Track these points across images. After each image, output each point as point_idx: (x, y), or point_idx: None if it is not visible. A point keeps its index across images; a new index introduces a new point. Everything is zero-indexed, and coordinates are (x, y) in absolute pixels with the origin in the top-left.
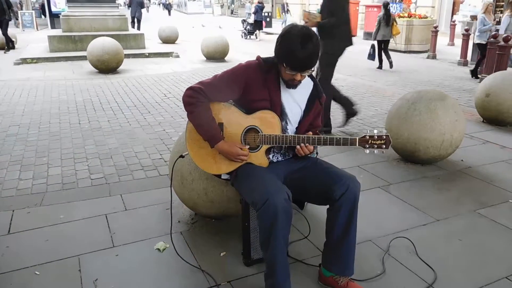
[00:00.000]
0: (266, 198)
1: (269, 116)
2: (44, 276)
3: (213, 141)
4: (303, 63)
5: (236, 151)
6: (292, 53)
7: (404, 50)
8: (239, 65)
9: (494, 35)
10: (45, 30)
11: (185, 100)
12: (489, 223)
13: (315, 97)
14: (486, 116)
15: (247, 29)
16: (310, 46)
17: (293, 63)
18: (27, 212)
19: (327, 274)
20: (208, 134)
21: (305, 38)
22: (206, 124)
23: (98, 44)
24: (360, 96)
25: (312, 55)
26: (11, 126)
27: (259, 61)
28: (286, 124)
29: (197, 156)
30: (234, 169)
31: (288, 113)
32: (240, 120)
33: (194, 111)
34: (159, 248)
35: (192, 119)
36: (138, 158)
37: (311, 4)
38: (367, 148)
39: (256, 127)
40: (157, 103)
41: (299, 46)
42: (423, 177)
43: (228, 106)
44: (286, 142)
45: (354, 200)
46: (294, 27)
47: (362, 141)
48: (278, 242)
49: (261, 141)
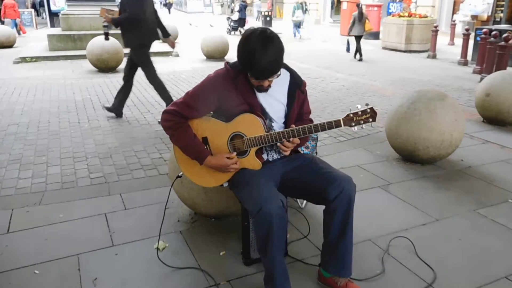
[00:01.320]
0: (260, 206)
1: (249, 118)
2: (43, 275)
3: (201, 159)
4: (267, 71)
5: (225, 162)
6: (254, 63)
7: (404, 50)
8: (208, 77)
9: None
10: (44, 29)
11: (163, 124)
12: (489, 222)
13: (295, 88)
14: (486, 115)
15: (231, 26)
16: (271, 51)
17: (257, 73)
18: (26, 211)
19: (326, 275)
20: (194, 153)
21: (265, 44)
22: (189, 145)
23: (97, 43)
24: (360, 95)
25: (275, 60)
26: (10, 125)
27: (227, 68)
28: (271, 122)
29: (192, 174)
30: (230, 178)
31: (270, 111)
32: (222, 129)
33: (174, 134)
34: (158, 247)
35: (175, 141)
36: (137, 157)
37: (311, 3)
38: (353, 126)
39: (239, 132)
40: (156, 102)
41: (260, 55)
42: (423, 177)
43: (207, 119)
44: (272, 140)
45: (349, 201)
46: (252, 33)
47: (347, 120)
48: (275, 248)
49: (247, 145)
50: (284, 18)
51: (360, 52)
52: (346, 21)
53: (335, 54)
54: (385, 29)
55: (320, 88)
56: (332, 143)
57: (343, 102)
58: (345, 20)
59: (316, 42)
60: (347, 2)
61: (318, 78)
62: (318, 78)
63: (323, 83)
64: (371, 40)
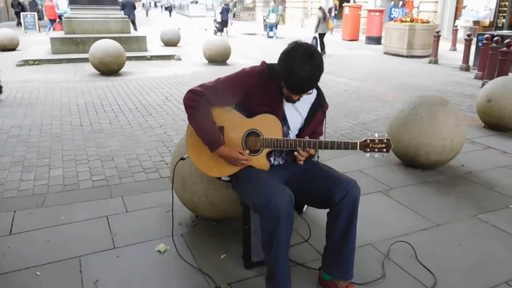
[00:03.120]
0: (269, 199)
1: (270, 120)
2: (45, 277)
3: (214, 146)
4: (301, 87)
5: (237, 156)
6: (292, 76)
7: (406, 55)
8: (243, 70)
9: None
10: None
11: (186, 103)
12: (489, 228)
13: (318, 107)
14: (488, 121)
15: (217, 27)
16: (311, 70)
17: (291, 86)
18: (29, 213)
19: (326, 277)
20: (209, 139)
21: (307, 60)
22: (206, 129)
23: (100, 47)
24: (362, 100)
25: (312, 79)
26: (12, 127)
27: (263, 67)
28: (288, 129)
29: (197, 159)
30: (235, 172)
31: (290, 119)
32: (241, 123)
33: (195, 115)
34: (159, 250)
35: (193, 122)
36: (139, 160)
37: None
38: (367, 152)
39: (257, 130)
40: (158, 106)
41: (299, 70)
42: (423, 182)
43: (229, 110)
44: (287, 146)
45: (354, 204)
46: (299, 47)
47: (363, 145)
48: (280, 244)
49: (262, 145)
50: (286, 23)
51: (323, 47)
52: (348, 25)
53: (338, 59)
54: (386, 34)
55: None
56: None
57: (345, 107)
58: (347, 24)
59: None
60: (349, 7)
61: (320, 83)
62: (319, 82)
63: (324, 87)
64: (373, 45)
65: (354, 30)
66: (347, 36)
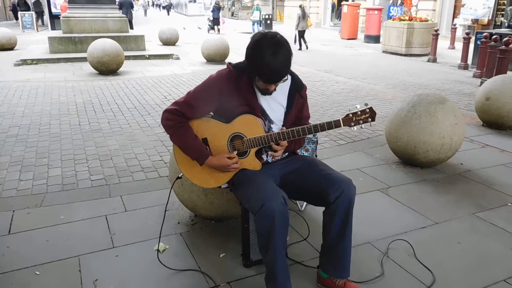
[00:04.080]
0: (262, 203)
1: (249, 119)
2: (44, 276)
3: (201, 159)
4: (276, 75)
5: (226, 162)
6: (264, 67)
7: (405, 54)
8: (210, 77)
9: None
10: (45, 31)
11: (164, 123)
12: (488, 226)
13: (295, 92)
14: (486, 119)
15: (209, 25)
16: (282, 57)
17: (266, 77)
18: (28, 212)
19: (324, 276)
20: (195, 153)
21: (276, 49)
22: (190, 145)
23: (98, 46)
24: (360, 99)
25: (285, 65)
26: (11, 127)
27: (229, 69)
28: (270, 123)
29: (191, 175)
30: (230, 178)
31: (270, 113)
32: (222, 130)
33: (175, 133)
34: (158, 249)
35: (176, 141)
36: (138, 160)
37: (312, 6)
38: (353, 126)
39: (239, 133)
40: (157, 105)
41: (270, 60)
42: (422, 180)
43: (207, 120)
44: (272, 141)
45: (349, 203)
46: (263, 37)
47: (346, 120)
48: (277, 246)
49: (247, 146)
50: (284, 21)
51: (302, 43)
52: (347, 24)
53: (336, 58)
54: (385, 32)
55: (320, 92)
56: (332, 146)
57: (343, 105)
58: (346, 23)
59: (316, 45)
60: (348, 5)
61: (318, 82)
62: (318, 81)
63: (323, 86)
64: (372, 43)
65: (353, 29)
66: (345, 34)
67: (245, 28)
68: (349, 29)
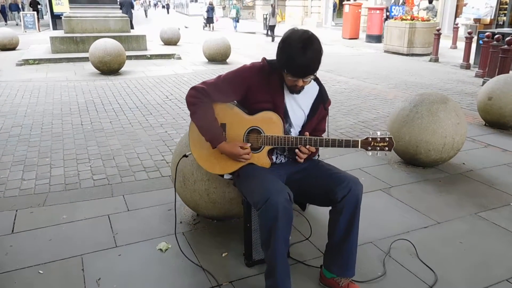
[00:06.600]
0: (267, 197)
1: (272, 117)
2: (47, 275)
3: (215, 142)
4: (304, 69)
5: (238, 151)
6: (293, 60)
7: (407, 53)
8: (243, 66)
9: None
10: (47, 31)
11: (188, 100)
12: (490, 226)
13: (320, 102)
14: (488, 119)
15: (204, 23)
16: (311, 52)
17: (294, 70)
18: (30, 212)
19: (328, 275)
20: (210, 135)
21: (306, 43)
22: (208, 125)
23: (100, 46)
24: (362, 98)
25: (313, 60)
26: (13, 127)
27: (264, 63)
28: (290, 127)
29: (200, 157)
30: (236, 169)
31: (292, 116)
32: (243, 121)
33: (196, 112)
34: (161, 248)
35: (195, 119)
36: (140, 159)
37: (313, 6)
38: (369, 150)
39: (258, 128)
40: (158, 105)
41: (299, 53)
42: (424, 180)
43: (231, 107)
44: (288, 143)
45: (356, 202)
46: (295, 32)
47: (364, 143)
48: (279, 242)
49: (263, 142)
50: (286, 21)
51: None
52: (349, 24)
53: (338, 57)
54: (387, 32)
55: None
56: None
57: (345, 105)
58: (347, 23)
59: None
60: (350, 5)
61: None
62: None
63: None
64: (373, 43)
65: (355, 29)
66: (347, 34)
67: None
68: (350, 29)
